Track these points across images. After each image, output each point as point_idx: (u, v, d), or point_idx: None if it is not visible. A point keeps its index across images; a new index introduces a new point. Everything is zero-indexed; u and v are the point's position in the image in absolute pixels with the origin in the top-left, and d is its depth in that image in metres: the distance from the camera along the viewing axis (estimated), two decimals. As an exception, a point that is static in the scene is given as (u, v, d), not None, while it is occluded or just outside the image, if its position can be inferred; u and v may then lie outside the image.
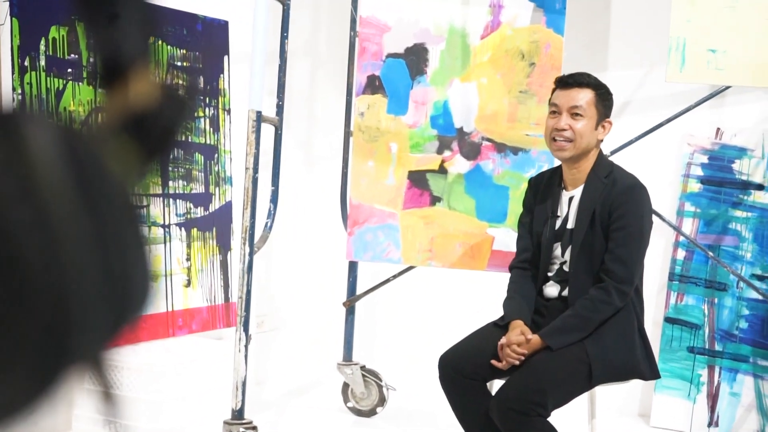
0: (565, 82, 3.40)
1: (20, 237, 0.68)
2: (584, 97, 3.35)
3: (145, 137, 0.84)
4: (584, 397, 3.33)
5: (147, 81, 0.85)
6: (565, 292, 3.37)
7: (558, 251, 3.41)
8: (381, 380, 4.61)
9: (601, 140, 3.41)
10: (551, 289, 3.43)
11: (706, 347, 4.64)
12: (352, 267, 4.70)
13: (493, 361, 3.27)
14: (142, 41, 0.88)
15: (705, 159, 4.77)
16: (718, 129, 4.77)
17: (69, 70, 3.94)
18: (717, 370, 4.62)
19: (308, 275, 5.49)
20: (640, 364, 3.31)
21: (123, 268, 0.76)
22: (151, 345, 4.24)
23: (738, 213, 4.68)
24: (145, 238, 0.80)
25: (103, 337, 0.77)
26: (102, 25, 0.86)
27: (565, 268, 3.38)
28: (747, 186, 4.68)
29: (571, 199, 3.41)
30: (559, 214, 3.43)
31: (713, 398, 4.61)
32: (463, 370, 3.30)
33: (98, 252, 0.73)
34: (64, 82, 3.93)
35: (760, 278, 4.58)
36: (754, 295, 4.49)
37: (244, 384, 3.75)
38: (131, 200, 0.78)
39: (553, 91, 3.44)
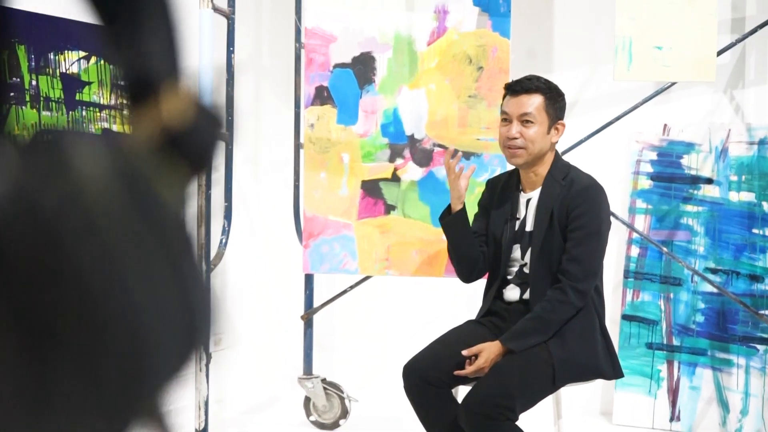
0: (514, 89, 3.39)
1: (89, 271, 0.64)
2: (533, 102, 3.34)
3: (182, 156, 0.79)
4: (550, 398, 3.33)
5: (179, 97, 0.80)
6: (527, 295, 3.37)
7: (517, 253, 3.41)
8: (343, 392, 4.58)
9: (555, 142, 3.41)
10: (512, 292, 3.42)
11: (664, 342, 4.67)
12: (309, 280, 4.66)
13: (462, 371, 3.25)
14: (170, 57, 0.82)
15: (654, 155, 4.80)
16: (665, 125, 4.80)
17: (12, 93, 3.87)
18: (676, 365, 4.65)
19: (264, 290, 5.44)
20: (602, 364, 3.32)
21: (186, 295, 0.72)
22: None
23: (689, 208, 4.72)
24: (198, 264, 0.75)
25: (173, 370, 0.74)
26: (127, 42, 0.81)
27: (526, 270, 3.38)
28: (696, 180, 4.72)
29: (528, 201, 3.41)
30: (517, 216, 3.43)
31: (674, 393, 4.63)
32: (428, 377, 3.28)
33: (163, 280, 0.69)
34: (7, 106, 3.86)
35: (714, 271, 4.62)
36: (709, 288, 4.53)
37: (206, 403, 3.70)
38: (185, 224, 0.74)
39: (504, 96, 3.44)
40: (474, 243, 3.52)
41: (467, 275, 3.60)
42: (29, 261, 0.63)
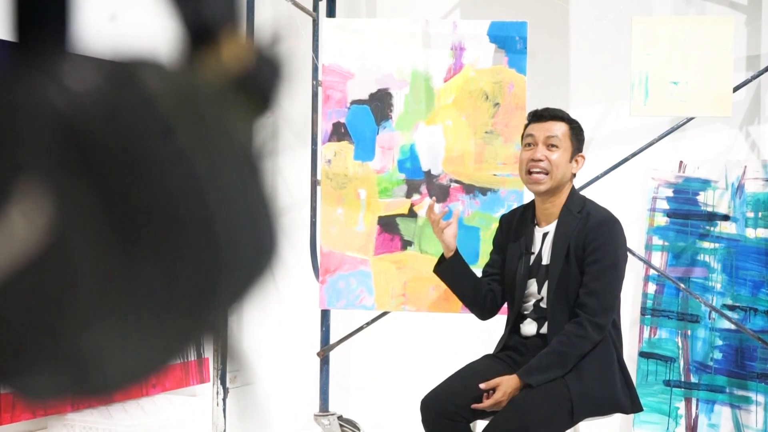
0: (540, 115, 3.41)
1: (166, 169, 0.64)
2: (560, 129, 3.37)
3: (245, 97, 0.77)
4: (568, 433, 3.31)
5: (238, 44, 0.78)
6: (544, 329, 3.36)
7: (534, 288, 3.41)
8: (359, 429, 4.56)
9: (574, 174, 3.42)
10: (529, 327, 3.41)
11: (682, 380, 4.65)
12: (325, 316, 4.66)
13: (481, 404, 3.25)
14: (228, 3, 0.79)
15: (670, 192, 4.80)
16: (681, 162, 4.81)
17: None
18: (694, 402, 4.62)
19: (280, 326, 5.44)
20: (620, 398, 3.30)
21: (256, 216, 0.72)
22: (125, 405, 4.16)
23: (705, 244, 4.71)
24: (270, 196, 0.75)
25: (243, 287, 0.74)
26: None
27: (542, 304, 3.38)
28: (713, 217, 4.71)
29: (545, 235, 3.41)
30: (533, 250, 3.43)
31: (692, 431, 4.60)
32: (446, 411, 3.28)
33: (234, 195, 0.69)
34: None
35: (731, 308, 4.60)
36: (727, 325, 4.51)
37: (223, 438, 3.70)
38: (254, 154, 0.74)
39: (527, 125, 3.45)
40: (477, 283, 3.54)
41: (479, 314, 3.61)
42: (111, 155, 0.63)
